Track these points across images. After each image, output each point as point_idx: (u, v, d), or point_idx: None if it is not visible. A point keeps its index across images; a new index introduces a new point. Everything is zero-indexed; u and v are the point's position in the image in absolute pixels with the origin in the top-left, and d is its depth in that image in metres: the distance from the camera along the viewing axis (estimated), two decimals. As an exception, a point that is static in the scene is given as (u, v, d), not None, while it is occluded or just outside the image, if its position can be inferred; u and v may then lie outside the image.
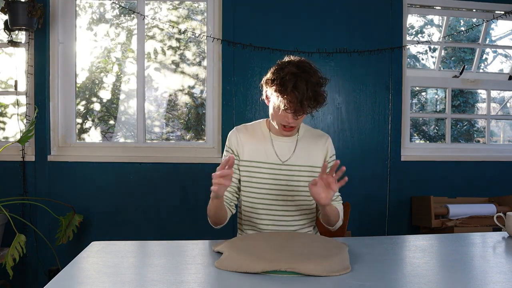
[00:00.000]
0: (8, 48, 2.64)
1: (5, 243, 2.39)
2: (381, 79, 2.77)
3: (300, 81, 1.33)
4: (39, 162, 2.57)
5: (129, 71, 3.01)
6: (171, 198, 2.66)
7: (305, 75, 1.34)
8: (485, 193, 2.86)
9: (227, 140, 1.58)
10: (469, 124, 4.65)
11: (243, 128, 1.59)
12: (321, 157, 1.57)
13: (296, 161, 1.53)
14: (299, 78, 1.33)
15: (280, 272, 1.04)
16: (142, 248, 1.35)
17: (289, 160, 1.53)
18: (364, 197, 2.76)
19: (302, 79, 1.33)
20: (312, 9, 2.71)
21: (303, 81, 1.33)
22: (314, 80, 1.36)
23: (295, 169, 1.52)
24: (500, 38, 3.87)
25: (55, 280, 1.00)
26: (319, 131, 1.64)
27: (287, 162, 1.52)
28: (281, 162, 1.52)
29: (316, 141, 1.58)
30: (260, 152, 1.52)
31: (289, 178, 1.52)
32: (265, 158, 1.52)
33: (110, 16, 3.02)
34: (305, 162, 1.54)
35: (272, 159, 1.52)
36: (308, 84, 1.33)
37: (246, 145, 1.54)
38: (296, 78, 1.33)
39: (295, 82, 1.32)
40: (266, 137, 1.55)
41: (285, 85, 1.33)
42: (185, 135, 3.20)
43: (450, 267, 1.14)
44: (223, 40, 2.64)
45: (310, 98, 1.34)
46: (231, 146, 1.56)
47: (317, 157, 1.56)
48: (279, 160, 1.52)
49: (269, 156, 1.52)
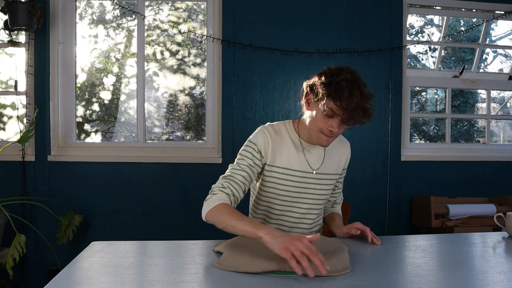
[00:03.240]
0: (8, 48, 2.64)
1: (5, 243, 2.39)
2: (381, 79, 2.77)
3: (355, 89, 1.28)
4: (39, 162, 2.57)
5: (129, 72, 3.02)
6: (171, 198, 2.66)
7: (360, 86, 1.31)
8: (485, 193, 2.87)
9: (254, 136, 1.46)
10: (469, 124, 4.66)
11: (272, 129, 1.48)
12: (342, 163, 1.58)
13: (326, 169, 1.51)
14: (355, 86, 1.29)
15: (280, 272, 1.04)
16: (142, 248, 1.35)
17: (320, 169, 1.50)
18: (364, 197, 2.77)
19: (357, 88, 1.29)
20: (312, 9, 2.71)
21: (358, 90, 1.29)
22: (366, 92, 1.32)
23: (324, 177, 1.51)
24: (500, 38, 3.87)
25: (55, 280, 1.00)
26: (342, 137, 1.61)
27: (318, 171, 1.50)
28: (312, 171, 1.49)
29: (340, 148, 1.58)
30: (294, 159, 1.47)
31: (317, 187, 1.50)
32: (299, 167, 1.47)
33: (110, 16, 3.02)
34: (333, 171, 1.54)
35: (304, 167, 1.48)
36: (362, 94, 1.29)
37: (278, 149, 1.46)
38: (353, 86, 1.29)
39: (351, 89, 1.28)
40: (297, 143, 1.49)
41: (341, 91, 1.28)
42: (185, 135, 3.20)
43: (450, 267, 1.14)
44: (223, 40, 2.64)
45: (362, 109, 1.29)
46: (258, 144, 1.44)
47: (340, 165, 1.58)
48: (310, 169, 1.49)
49: (302, 165, 1.48)
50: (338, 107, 1.29)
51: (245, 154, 1.43)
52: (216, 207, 1.26)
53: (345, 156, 1.59)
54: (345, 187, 1.68)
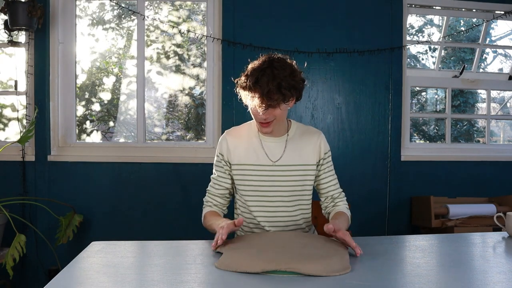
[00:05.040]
0: (8, 48, 2.64)
1: (5, 243, 2.39)
2: (381, 79, 2.77)
3: (263, 75, 1.35)
4: (39, 162, 2.57)
5: (129, 72, 3.02)
6: (171, 198, 2.66)
7: (268, 70, 1.36)
8: (485, 193, 2.86)
9: (218, 145, 1.58)
10: (469, 124, 4.66)
11: (233, 131, 1.59)
12: (314, 154, 1.55)
13: (288, 160, 1.52)
14: (261, 72, 1.36)
15: (280, 272, 1.04)
16: (142, 248, 1.35)
17: (280, 160, 1.51)
18: (364, 197, 2.77)
19: (265, 74, 1.35)
20: (312, 9, 2.71)
21: (266, 75, 1.35)
22: (281, 74, 1.36)
23: (287, 169, 1.52)
24: (500, 38, 3.87)
25: (55, 280, 1.00)
26: (311, 128, 1.62)
27: (278, 162, 1.51)
28: (272, 162, 1.51)
29: (307, 138, 1.57)
30: (251, 154, 1.52)
31: (282, 178, 1.51)
32: (256, 160, 1.52)
33: (110, 16, 3.02)
34: (297, 161, 1.53)
35: (263, 160, 1.51)
36: (269, 78, 1.34)
37: (236, 148, 1.53)
38: (259, 73, 1.36)
39: (257, 76, 1.35)
40: (255, 138, 1.55)
41: (248, 81, 1.37)
42: (185, 135, 3.20)
43: (450, 267, 1.14)
44: (223, 40, 2.64)
45: (273, 91, 1.34)
46: (221, 152, 1.56)
47: (309, 155, 1.55)
48: (269, 161, 1.51)
49: (260, 158, 1.52)
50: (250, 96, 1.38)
51: (216, 165, 1.58)
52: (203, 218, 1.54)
53: (316, 145, 1.55)
54: (345, 187, 1.67)
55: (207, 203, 1.58)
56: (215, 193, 1.57)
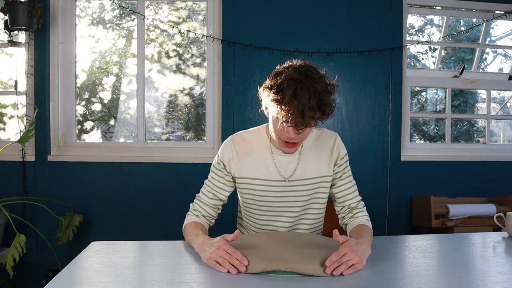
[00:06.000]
0: (8, 48, 2.64)
1: (5, 243, 2.39)
2: (381, 79, 2.77)
3: (302, 88, 1.12)
4: (39, 162, 2.57)
5: (129, 72, 3.02)
6: (171, 198, 2.66)
7: (307, 81, 1.14)
8: (485, 193, 2.86)
9: (220, 150, 1.40)
10: (469, 124, 4.66)
11: (240, 139, 1.40)
12: (330, 163, 1.39)
13: (301, 175, 1.36)
14: (300, 84, 1.13)
15: (280, 272, 1.04)
16: (142, 248, 1.35)
17: (293, 176, 1.35)
18: (364, 197, 2.74)
19: (304, 86, 1.13)
20: (312, 9, 2.71)
21: (305, 88, 1.12)
22: (319, 87, 1.15)
23: (300, 183, 1.36)
24: (500, 38, 3.87)
25: (55, 280, 1.00)
26: (326, 131, 1.44)
27: (291, 178, 1.36)
28: (284, 179, 1.35)
29: (322, 146, 1.39)
30: (261, 168, 1.35)
31: (296, 194, 1.37)
32: (267, 175, 1.35)
33: (110, 17, 3.02)
34: (312, 175, 1.37)
35: (274, 176, 1.35)
36: (310, 92, 1.12)
37: (244, 161, 1.36)
38: (297, 85, 1.13)
39: (295, 89, 1.12)
40: (266, 149, 1.37)
41: (284, 93, 1.13)
42: (185, 135, 3.20)
43: (450, 267, 1.14)
44: (223, 40, 2.64)
45: (314, 108, 1.13)
46: (223, 160, 1.38)
47: (324, 165, 1.38)
48: (281, 177, 1.35)
49: (271, 173, 1.35)
50: (284, 112, 1.13)
51: (214, 171, 1.42)
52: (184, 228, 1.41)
53: (331, 153, 1.39)
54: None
55: (194, 212, 1.42)
56: (207, 202, 1.41)
